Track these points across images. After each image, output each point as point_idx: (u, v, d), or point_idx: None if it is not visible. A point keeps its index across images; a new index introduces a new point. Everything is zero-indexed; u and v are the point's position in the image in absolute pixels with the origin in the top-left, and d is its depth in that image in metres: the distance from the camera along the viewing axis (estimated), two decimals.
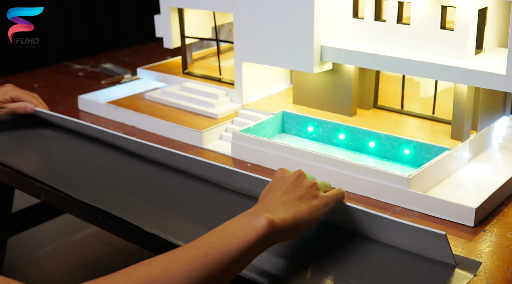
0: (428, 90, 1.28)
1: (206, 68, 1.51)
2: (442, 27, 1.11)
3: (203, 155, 1.20)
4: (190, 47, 1.51)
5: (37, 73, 1.74)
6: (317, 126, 1.22)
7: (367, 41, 1.20)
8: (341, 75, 1.24)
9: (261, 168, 1.14)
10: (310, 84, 1.28)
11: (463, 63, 1.08)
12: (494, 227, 0.94)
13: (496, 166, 1.13)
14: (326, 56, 1.21)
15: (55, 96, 1.55)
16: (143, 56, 1.87)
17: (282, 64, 1.26)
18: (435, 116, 1.20)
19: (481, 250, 0.88)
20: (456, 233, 0.93)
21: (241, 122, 1.28)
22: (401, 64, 1.13)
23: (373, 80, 1.25)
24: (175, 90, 1.41)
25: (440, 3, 1.10)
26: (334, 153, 1.17)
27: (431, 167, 1.04)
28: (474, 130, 1.15)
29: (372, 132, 1.15)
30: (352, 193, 1.05)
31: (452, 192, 1.04)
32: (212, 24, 1.47)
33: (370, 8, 1.18)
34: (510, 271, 0.83)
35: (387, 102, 1.28)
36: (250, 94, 1.35)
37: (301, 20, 1.19)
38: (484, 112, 1.16)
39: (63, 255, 2.18)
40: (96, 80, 1.66)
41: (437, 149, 1.09)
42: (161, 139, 1.28)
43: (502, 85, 1.03)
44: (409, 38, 1.15)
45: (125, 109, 1.36)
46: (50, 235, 2.21)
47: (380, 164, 1.13)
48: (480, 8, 1.09)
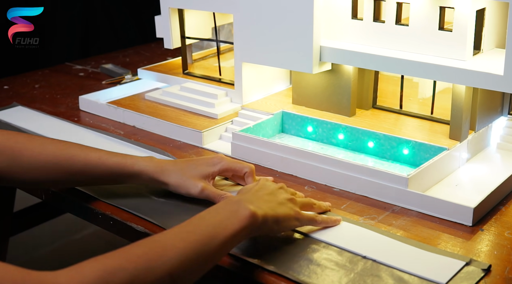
0: (426, 90, 1.28)
1: (206, 68, 1.51)
2: (440, 28, 1.12)
3: (203, 155, 1.21)
4: (190, 47, 1.51)
5: (38, 73, 1.75)
6: (316, 126, 1.23)
7: (366, 41, 1.21)
8: (340, 75, 1.24)
9: (260, 167, 1.15)
10: (309, 84, 1.29)
11: (461, 63, 1.08)
12: (492, 226, 0.95)
13: (494, 166, 1.13)
14: (325, 56, 1.21)
15: (56, 96, 1.56)
16: (143, 57, 1.87)
17: (282, 65, 1.27)
18: (434, 116, 1.21)
19: (479, 249, 0.89)
20: (454, 232, 0.93)
21: (241, 122, 1.29)
22: (399, 64, 1.14)
23: (372, 81, 1.26)
24: (175, 90, 1.42)
25: (439, 4, 1.11)
26: (333, 153, 1.18)
27: (430, 166, 1.04)
28: (472, 131, 1.16)
29: (371, 132, 1.16)
30: (351, 193, 1.05)
31: (450, 191, 1.05)
32: (212, 25, 1.48)
33: (369, 9, 1.19)
34: (508, 270, 0.84)
35: (386, 102, 1.28)
36: (249, 95, 1.36)
37: (300, 21, 1.20)
38: (482, 112, 1.16)
39: (64, 254, 2.18)
40: (97, 80, 1.67)
41: (435, 149, 1.09)
42: (161, 139, 1.28)
43: (500, 85, 1.04)
44: (407, 39, 1.16)
45: (125, 109, 1.37)
46: (51, 234, 2.21)
47: (379, 164, 1.14)
48: (478, 9, 1.09)
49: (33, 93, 1.58)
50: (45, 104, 1.50)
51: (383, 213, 0.99)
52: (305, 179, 1.10)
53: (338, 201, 1.03)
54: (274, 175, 1.12)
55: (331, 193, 1.06)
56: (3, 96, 1.55)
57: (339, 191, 1.06)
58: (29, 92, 1.59)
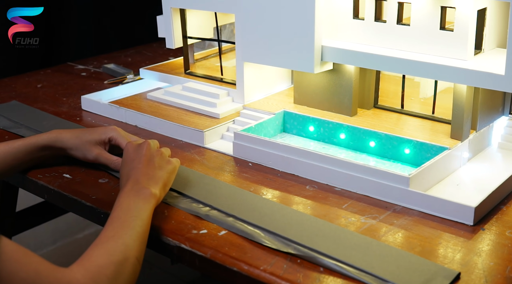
0: (428, 90, 1.28)
1: (208, 68, 1.52)
2: (441, 28, 1.12)
3: (204, 154, 1.21)
4: (192, 47, 1.52)
5: (40, 73, 1.75)
6: (318, 126, 1.23)
7: (368, 41, 1.21)
8: (341, 75, 1.24)
9: (262, 167, 1.15)
10: (311, 84, 1.29)
11: (463, 63, 1.09)
12: (493, 225, 0.95)
13: (495, 165, 1.14)
14: (327, 56, 1.21)
15: (58, 96, 1.56)
16: (145, 57, 1.88)
17: (283, 65, 1.27)
18: (435, 116, 1.21)
19: (480, 248, 0.89)
20: (455, 231, 0.93)
21: (242, 122, 1.29)
22: (401, 64, 1.14)
23: (374, 80, 1.26)
24: (177, 90, 1.42)
25: (440, 4, 1.11)
26: (335, 152, 1.18)
27: (431, 166, 1.05)
28: (474, 130, 1.16)
29: (373, 132, 1.16)
30: (353, 192, 1.06)
31: (451, 191, 1.05)
32: (214, 25, 1.48)
33: (370, 8, 1.19)
34: (509, 269, 0.84)
35: (387, 102, 1.29)
36: (251, 94, 1.36)
37: (302, 21, 1.20)
38: (483, 112, 1.16)
39: (67, 254, 2.19)
40: (99, 80, 1.67)
41: (436, 148, 1.09)
42: (163, 139, 1.28)
43: (501, 85, 1.04)
44: (409, 39, 1.16)
45: (127, 109, 1.37)
46: (54, 234, 2.22)
47: (381, 163, 1.14)
48: (479, 9, 1.09)
49: (35, 93, 1.59)
50: (47, 104, 1.50)
51: (385, 213, 0.99)
52: (307, 179, 1.10)
53: (340, 200, 1.03)
54: (276, 175, 1.12)
55: (332, 192, 1.06)
56: (5, 96, 1.56)
57: (341, 190, 1.06)
58: (31, 92, 1.59)
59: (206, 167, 1.16)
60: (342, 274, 0.84)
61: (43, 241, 2.19)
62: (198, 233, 0.94)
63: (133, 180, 0.95)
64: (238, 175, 1.13)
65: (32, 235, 2.10)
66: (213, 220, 0.97)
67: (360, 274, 0.83)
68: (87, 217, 1.08)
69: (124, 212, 0.90)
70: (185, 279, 2.06)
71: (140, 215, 0.90)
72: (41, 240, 2.18)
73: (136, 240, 0.87)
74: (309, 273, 0.85)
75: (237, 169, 1.15)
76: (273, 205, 1.00)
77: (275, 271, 0.85)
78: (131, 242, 0.86)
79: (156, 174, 0.97)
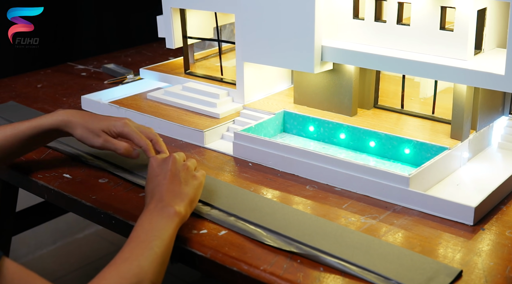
0: (428, 90, 1.29)
1: (208, 68, 1.52)
2: (441, 28, 1.12)
3: (204, 154, 1.21)
4: (192, 47, 1.52)
5: (40, 73, 1.75)
6: (318, 126, 1.23)
7: (368, 41, 1.21)
8: (341, 75, 1.25)
9: (262, 167, 1.15)
10: (311, 84, 1.29)
11: (463, 63, 1.09)
12: (493, 225, 0.95)
13: (495, 165, 1.14)
14: (327, 56, 1.21)
15: (58, 96, 1.56)
16: (145, 57, 1.88)
17: (283, 65, 1.27)
18: (435, 116, 1.21)
19: (480, 248, 0.89)
20: (455, 231, 0.94)
21: (242, 122, 1.29)
22: (401, 64, 1.14)
23: (374, 80, 1.26)
24: (177, 90, 1.42)
25: (440, 4, 1.11)
26: (335, 152, 1.18)
27: (431, 166, 1.05)
28: (474, 130, 1.16)
29: (373, 132, 1.16)
30: (353, 192, 1.06)
31: (451, 191, 1.05)
32: (214, 25, 1.48)
33: (370, 8, 1.19)
34: (509, 269, 0.84)
35: (387, 102, 1.29)
36: (251, 94, 1.36)
37: (302, 21, 1.20)
38: (483, 112, 1.16)
39: (67, 254, 2.19)
40: (99, 80, 1.67)
41: (436, 148, 1.09)
42: (164, 138, 1.28)
43: (501, 85, 1.04)
44: (409, 39, 1.16)
45: (127, 109, 1.37)
46: (54, 234, 2.22)
47: (381, 163, 1.14)
48: (479, 9, 1.09)
49: (35, 93, 1.59)
50: (47, 104, 1.50)
51: (385, 213, 0.99)
52: (307, 179, 1.10)
53: (340, 200, 1.03)
54: (276, 175, 1.12)
55: (332, 192, 1.06)
56: (5, 96, 1.56)
57: (341, 190, 1.06)
58: (31, 92, 1.59)
59: (206, 166, 1.16)
60: (344, 273, 0.84)
61: (43, 241, 2.19)
62: (198, 233, 0.94)
63: (157, 198, 0.91)
64: (238, 175, 1.13)
65: (32, 235, 2.10)
66: (215, 219, 0.97)
67: (363, 272, 0.83)
68: (87, 217, 1.08)
69: (144, 232, 0.86)
70: (185, 279, 2.06)
71: (161, 235, 0.86)
72: (41, 240, 2.18)
73: (153, 261, 0.83)
74: (309, 273, 0.85)
75: (237, 169, 1.15)
76: (274, 204, 1.00)
77: (275, 271, 0.85)
78: (147, 264, 0.82)
79: (182, 190, 0.93)
